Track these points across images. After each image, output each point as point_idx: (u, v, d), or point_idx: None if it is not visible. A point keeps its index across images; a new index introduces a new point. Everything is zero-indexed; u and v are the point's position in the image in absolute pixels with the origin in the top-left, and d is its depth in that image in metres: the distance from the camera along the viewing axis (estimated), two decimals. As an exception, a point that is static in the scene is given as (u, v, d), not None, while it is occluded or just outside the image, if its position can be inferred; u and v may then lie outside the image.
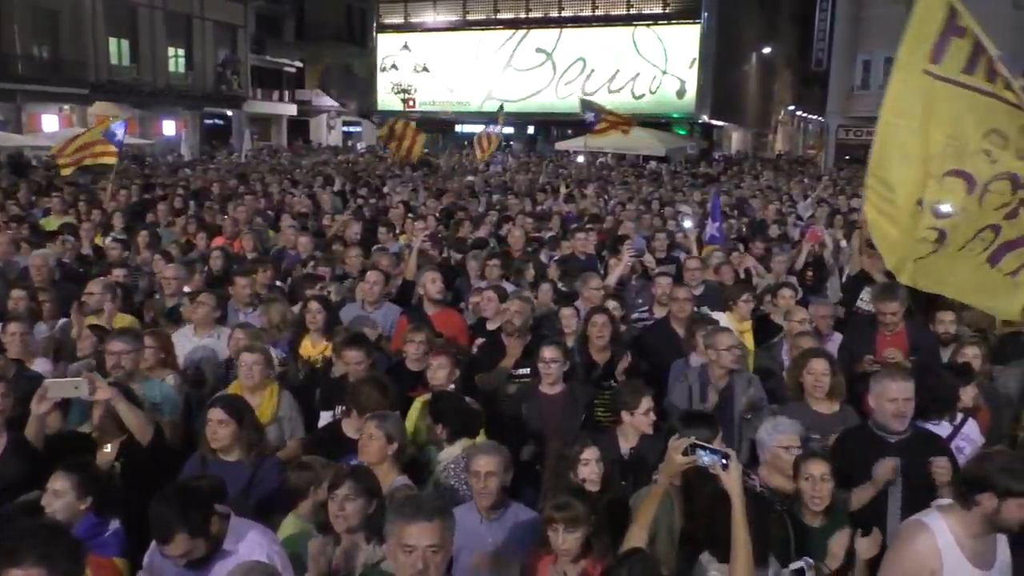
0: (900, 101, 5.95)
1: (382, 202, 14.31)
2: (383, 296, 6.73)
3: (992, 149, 5.47)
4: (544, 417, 4.84)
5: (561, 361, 4.91)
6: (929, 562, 2.96)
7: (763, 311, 6.86)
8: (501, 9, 44.55)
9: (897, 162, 5.74)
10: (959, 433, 4.46)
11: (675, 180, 23.10)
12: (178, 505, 3.04)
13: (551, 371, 4.88)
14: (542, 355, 4.89)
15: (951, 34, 5.96)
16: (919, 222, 5.54)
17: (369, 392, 4.46)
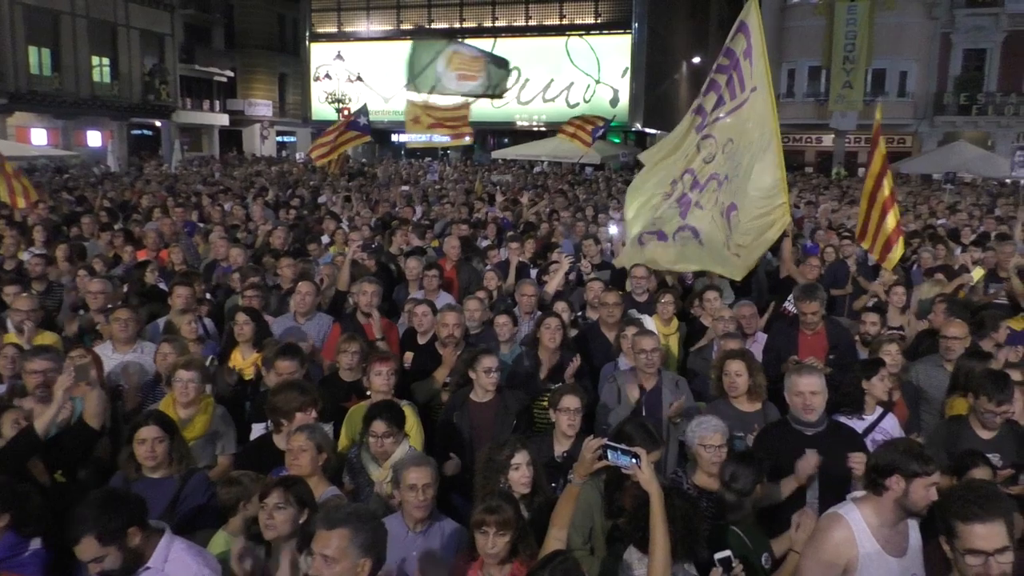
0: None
1: (316, 213, 14.18)
2: (315, 307, 6.70)
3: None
4: (475, 425, 4.86)
5: (497, 371, 4.91)
6: (846, 552, 3.08)
7: (693, 314, 7.06)
8: (435, 19, 44.53)
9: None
10: (876, 427, 4.67)
11: (610, 187, 23.39)
12: (94, 507, 2.99)
13: (492, 380, 4.86)
14: (482, 364, 4.86)
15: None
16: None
17: (288, 395, 4.42)
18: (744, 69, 7.89)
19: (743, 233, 7.78)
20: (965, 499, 2.62)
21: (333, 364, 5.63)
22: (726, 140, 7.81)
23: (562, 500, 3.40)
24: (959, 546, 2.58)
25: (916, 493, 3.05)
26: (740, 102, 7.84)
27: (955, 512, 2.61)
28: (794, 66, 36.21)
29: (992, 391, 4.21)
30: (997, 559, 2.52)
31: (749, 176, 7.83)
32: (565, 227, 11.83)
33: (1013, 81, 34.01)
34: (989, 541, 2.53)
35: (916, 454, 3.11)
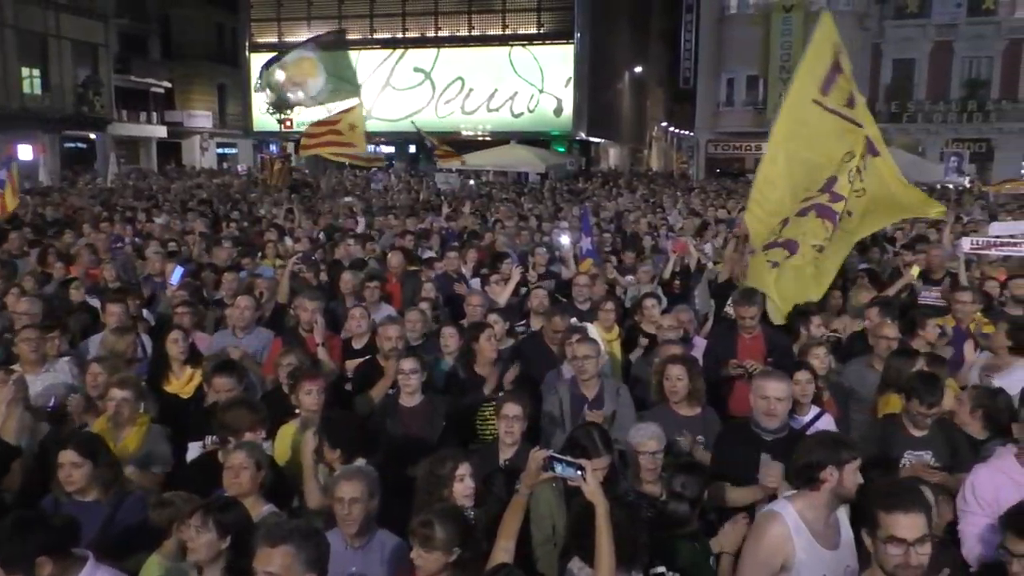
0: (789, 125, 6.94)
1: (256, 226, 13.94)
2: (254, 321, 6.58)
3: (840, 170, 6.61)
4: (405, 429, 4.88)
5: (420, 372, 4.95)
6: (783, 547, 3.14)
7: (634, 320, 7.13)
8: (378, 28, 44.35)
9: (779, 181, 6.86)
10: (812, 426, 4.76)
11: (555, 196, 23.57)
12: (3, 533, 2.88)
13: (411, 382, 4.91)
14: (401, 367, 4.94)
15: (836, 71, 7.01)
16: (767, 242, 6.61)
17: (238, 412, 4.34)
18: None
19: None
20: (889, 491, 2.75)
21: (275, 379, 5.54)
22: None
23: (509, 511, 3.38)
24: (880, 535, 2.66)
25: (848, 478, 3.18)
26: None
27: (879, 503, 2.70)
28: (733, 75, 37.05)
29: (923, 394, 4.32)
30: (917, 549, 2.60)
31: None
32: (508, 236, 11.84)
33: (940, 89, 35.31)
34: (910, 531, 2.61)
35: (840, 442, 3.29)
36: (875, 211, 7.07)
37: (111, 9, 40.42)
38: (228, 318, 6.76)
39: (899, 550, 2.61)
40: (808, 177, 6.90)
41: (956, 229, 11.48)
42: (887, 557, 2.63)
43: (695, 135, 41.26)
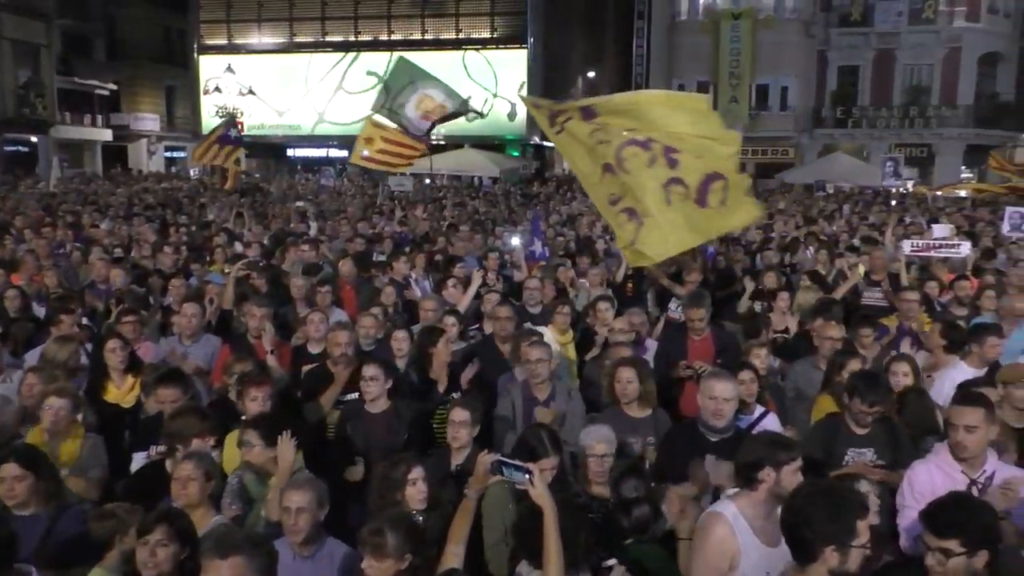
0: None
1: (206, 231, 13.70)
2: (202, 328, 6.48)
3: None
4: (369, 435, 4.85)
5: (382, 379, 4.92)
6: (728, 546, 3.20)
7: (588, 323, 7.18)
8: (330, 32, 43.95)
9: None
10: (757, 426, 4.85)
11: (509, 200, 23.62)
12: None
13: (371, 389, 4.89)
14: (363, 373, 4.92)
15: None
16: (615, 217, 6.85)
17: (187, 420, 4.27)
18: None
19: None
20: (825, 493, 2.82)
21: (223, 387, 5.45)
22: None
23: (458, 515, 3.38)
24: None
25: (786, 479, 3.22)
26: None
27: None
28: (683, 81, 37.49)
29: (864, 393, 4.42)
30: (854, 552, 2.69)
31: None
32: (462, 241, 11.84)
33: (883, 96, 36.28)
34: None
35: (780, 443, 3.34)
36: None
37: (54, 9, 39.32)
38: (175, 325, 6.65)
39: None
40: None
41: (898, 231, 11.81)
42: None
43: (648, 140, 41.61)
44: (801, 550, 2.77)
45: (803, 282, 8.50)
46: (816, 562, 2.72)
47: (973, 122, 35.15)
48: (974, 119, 35.17)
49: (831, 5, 36.35)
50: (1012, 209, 11.45)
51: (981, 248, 10.67)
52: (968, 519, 2.89)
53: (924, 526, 2.93)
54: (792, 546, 2.82)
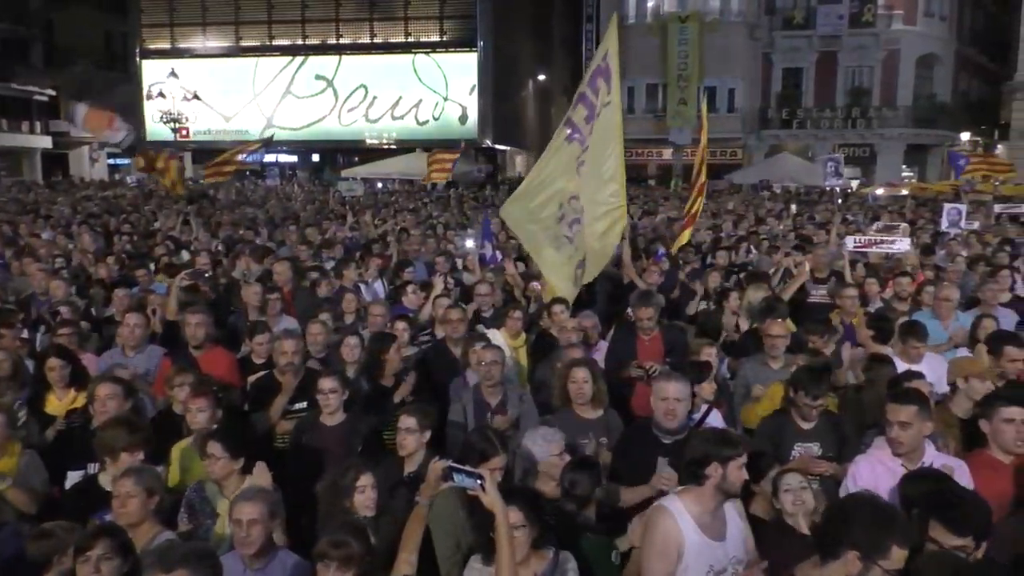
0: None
1: (151, 240, 13.39)
2: (146, 339, 6.32)
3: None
4: (325, 448, 4.76)
5: (340, 391, 4.85)
6: (675, 539, 3.28)
7: (541, 326, 7.19)
8: (276, 35, 43.41)
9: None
10: (703, 423, 4.90)
11: (462, 204, 23.58)
12: None
13: (330, 401, 4.82)
14: (320, 386, 4.83)
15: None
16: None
17: (115, 432, 4.15)
18: (600, 85, 8.16)
19: (587, 239, 8.01)
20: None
21: (167, 399, 5.32)
22: (584, 158, 8.05)
23: (410, 523, 3.36)
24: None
25: (732, 475, 3.31)
26: (596, 114, 8.08)
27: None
28: (633, 84, 37.89)
29: (809, 386, 4.51)
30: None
31: (596, 186, 8.16)
32: (414, 245, 11.78)
33: (826, 97, 37.16)
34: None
35: (725, 440, 3.40)
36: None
37: (-13, 13, 38.21)
38: (117, 336, 6.48)
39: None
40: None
41: (841, 230, 12.06)
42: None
43: (598, 142, 41.93)
44: (828, 545, 2.84)
45: (752, 281, 8.61)
46: (837, 561, 2.78)
47: (912, 122, 36.24)
48: (913, 119, 36.26)
49: (774, 8, 37.12)
50: (949, 206, 11.80)
51: (920, 244, 10.96)
52: (979, 515, 3.00)
53: (940, 525, 2.97)
54: (821, 538, 2.90)
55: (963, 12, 39.94)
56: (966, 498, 3.17)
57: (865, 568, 2.69)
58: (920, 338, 5.68)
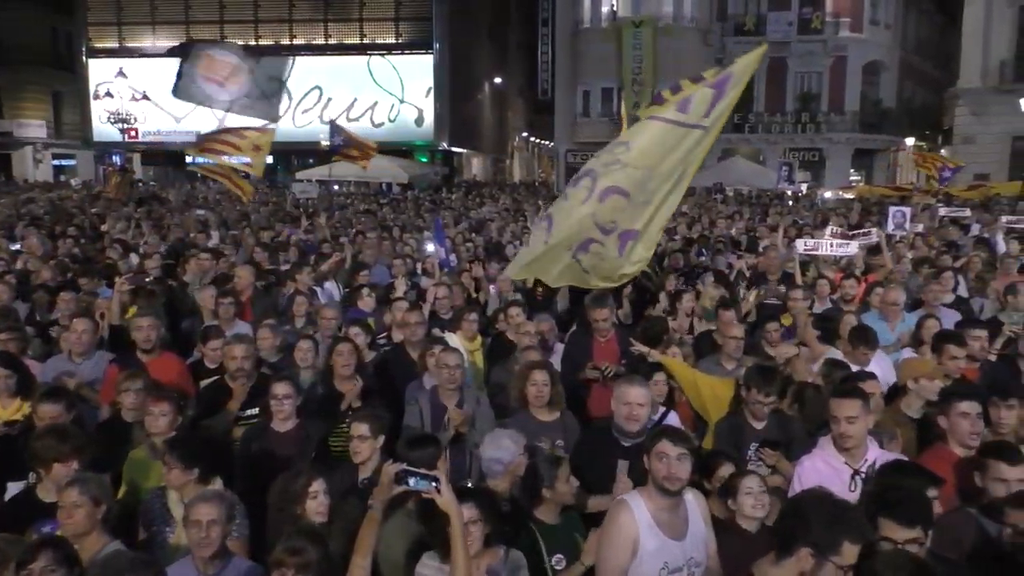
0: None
1: (99, 243, 13.08)
2: (93, 345, 6.17)
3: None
4: (276, 454, 4.69)
5: (293, 397, 4.79)
6: (631, 532, 3.33)
7: (499, 330, 7.19)
8: (229, 35, 42.75)
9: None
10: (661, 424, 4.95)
11: (418, 207, 23.49)
12: None
13: (284, 407, 4.76)
14: (274, 392, 4.77)
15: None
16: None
17: (46, 442, 4.04)
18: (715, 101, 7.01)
19: (631, 263, 7.10)
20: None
21: (115, 406, 5.20)
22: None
23: (363, 528, 3.33)
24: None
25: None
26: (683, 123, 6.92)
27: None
28: (588, 87, 38.22)
29: (760, 384, 4.61)
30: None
31: (658, 206, 7.01)
32: (370, 248, 11.70)
33: (777, 101, 37.86)
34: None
35: (676, 435, 3.47)
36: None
37: (-75, 9, 36.94)
38: (63, 342, 6.32)
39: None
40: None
41: (791, 232, 12.28)
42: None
43: (555, 145, 42.21)
44: (783, 543, 2.88)
45: (710, 282, 8.74)
46: (791, 558, 2.81)
47: (859, 127, 37.12)
48: (860, 124, 37.15)
49: (726, 15, 37.70)
50: (895, 208, 12.09)
51: (867, 246, 11.21)
52: (924, 506, 3.09)
53: (890, 521, 3.04)
54: (778, 536, 2.93)
55: (907, 21, 41.05)
56: (910, 491, 3.25)
57: (818, 564, 2.73)
58: (871, 346, 5.79)
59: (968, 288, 9.06)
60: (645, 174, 6.80)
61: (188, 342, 7.12)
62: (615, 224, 6.80)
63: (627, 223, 6.82)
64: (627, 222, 6.82)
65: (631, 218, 6.83)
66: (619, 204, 6.76)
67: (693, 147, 6.89)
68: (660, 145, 6.84)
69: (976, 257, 9.97)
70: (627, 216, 6.81)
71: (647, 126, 7.20)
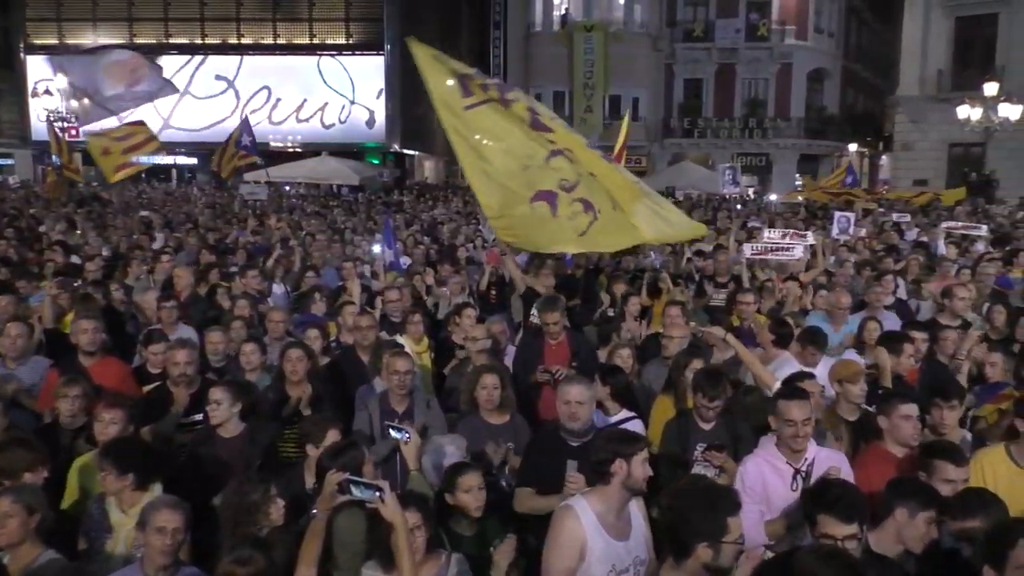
0: (464, 144, 7.20)
1: (37, 244, 12.68)
2: (31, 349, 5.98)
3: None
4: (222, 460, 4.61)
5: (228, 402, 4.71)
6: (578, 537, 3.33)
7: (447, 332, 7.16)
8: (174, 33, 41.88)
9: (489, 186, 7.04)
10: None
11: (370, 209, 23.29)
12: None
13: (217, 413, 4.68)
14: (208, 396, 4.71)
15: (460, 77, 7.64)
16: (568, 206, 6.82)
17: (15, 453, 3.95)
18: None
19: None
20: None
21: (52, 412, 5.05)
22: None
23: (308, 536, 3.31)
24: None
25: (636, 470, 3.38)
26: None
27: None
28: (540, 91, 38.30)
29: (706, 388, 4.66)
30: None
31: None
32: (320, 250, 11.57)
33: (725, 107, 38.54)
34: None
35: (627, 437, 3.51)
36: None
37: None
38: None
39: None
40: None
41: (740, 236, 12.48)
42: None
43: (507, 148, 42.18)
44: (677, 547, 2.91)
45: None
46: (690, 558, 2.85)
47: (804, 133, 37.98)
48: (805, 130, 38.01)
49: (676, 21, 38.24)
50: (840, 213, 12.37)
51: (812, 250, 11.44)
52: (861, 502, 3.15)
53: (829, 516, 3.10)
54: (669, 543, 2.97)
55: (849, 29, 42.16)
56: (848, 488, 3.34)
57: (716, 551, 2.82)
58: (820, 347, 5.89)
59: (907, 291, 9.32)
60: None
61: (133, 346, 6.95)
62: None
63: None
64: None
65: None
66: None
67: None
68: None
69: (915, 260, 10.25)
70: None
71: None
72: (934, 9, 32.58)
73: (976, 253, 11.61)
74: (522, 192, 7.01)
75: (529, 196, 6.96)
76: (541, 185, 6.93)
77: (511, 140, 7.10)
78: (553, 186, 6.94)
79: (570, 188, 6.91)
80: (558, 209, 6.89)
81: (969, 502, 3.35)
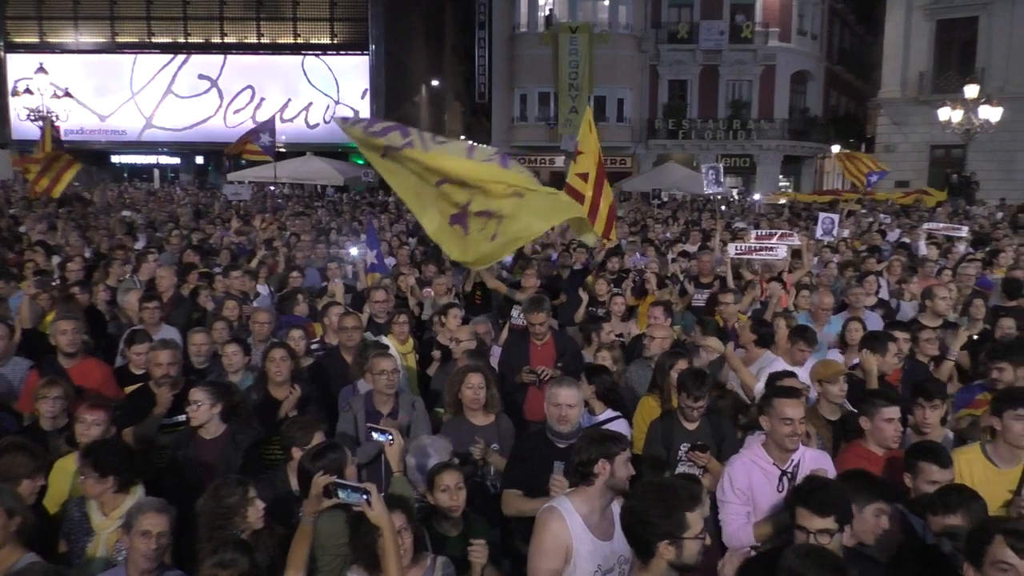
0: (396, 179, 7.25)
1: (17, 245, 12.55)
2: (9, 351, 5.91)
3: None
4: (203, 462, 4.60)
5: (208, 403, 4.67)
6: (563, 538, 3.33)
7: (432, 333, 7.16)
8: (156, 32, 41.57)
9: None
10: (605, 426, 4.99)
11: (354, 209, 23.20)
12: None
13: (197, 414, 4.65)
14: (188, 396, 4.69)
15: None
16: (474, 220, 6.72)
17: (16, 458, 3.92)
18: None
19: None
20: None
21: (33, 414, 5.00)
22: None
23: (296, 540, 3.29)
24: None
25: (619, 470, 3.39)
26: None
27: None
28: (525, 91, 38.41)
29: (690, 388, 4.68)
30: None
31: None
32: (303, 251, 11.52)
33: (709, 108, 38.69)
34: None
35: (609, 437, 3.50)
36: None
37: None
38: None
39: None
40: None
41: (725, 237, 12.54)
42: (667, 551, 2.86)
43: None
44: (640, 548, 2.90)
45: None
46: (654, 557, 2.85)
47: (788, 134, 38.20)
48: (788, 132, 38.23)
49: (660, 22, 38.34)
50: (824, 215, 12.44)
51: (792, 249, 11.50)
52: (839, 498, 3.15)
53: (804, 509, 3.11)
54: (633, 545, 2.95)
55: (832, 32, 42.43)
56: (825, 482, 3.36)
57: (678, 548, 2.81)
58: (809, 343, 5.92)
59: (889, 291, 9.39)
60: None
61: (113, 347, 6.90)
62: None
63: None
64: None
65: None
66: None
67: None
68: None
69: (897, 261, 10.33)
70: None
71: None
72: (915, 12, 32.91)
73: (957, 254, 11.73)
74: (444, 215, 7.07)
75: (447, 220, 7.01)
76: (450, 210, 6.99)
77: (412, 181, 7.17)
78: (456, 208, 6.98)
79: (466, 205, 6.93)
80: (469, 228, 6.92)
81: (949, 499, 3.37)
